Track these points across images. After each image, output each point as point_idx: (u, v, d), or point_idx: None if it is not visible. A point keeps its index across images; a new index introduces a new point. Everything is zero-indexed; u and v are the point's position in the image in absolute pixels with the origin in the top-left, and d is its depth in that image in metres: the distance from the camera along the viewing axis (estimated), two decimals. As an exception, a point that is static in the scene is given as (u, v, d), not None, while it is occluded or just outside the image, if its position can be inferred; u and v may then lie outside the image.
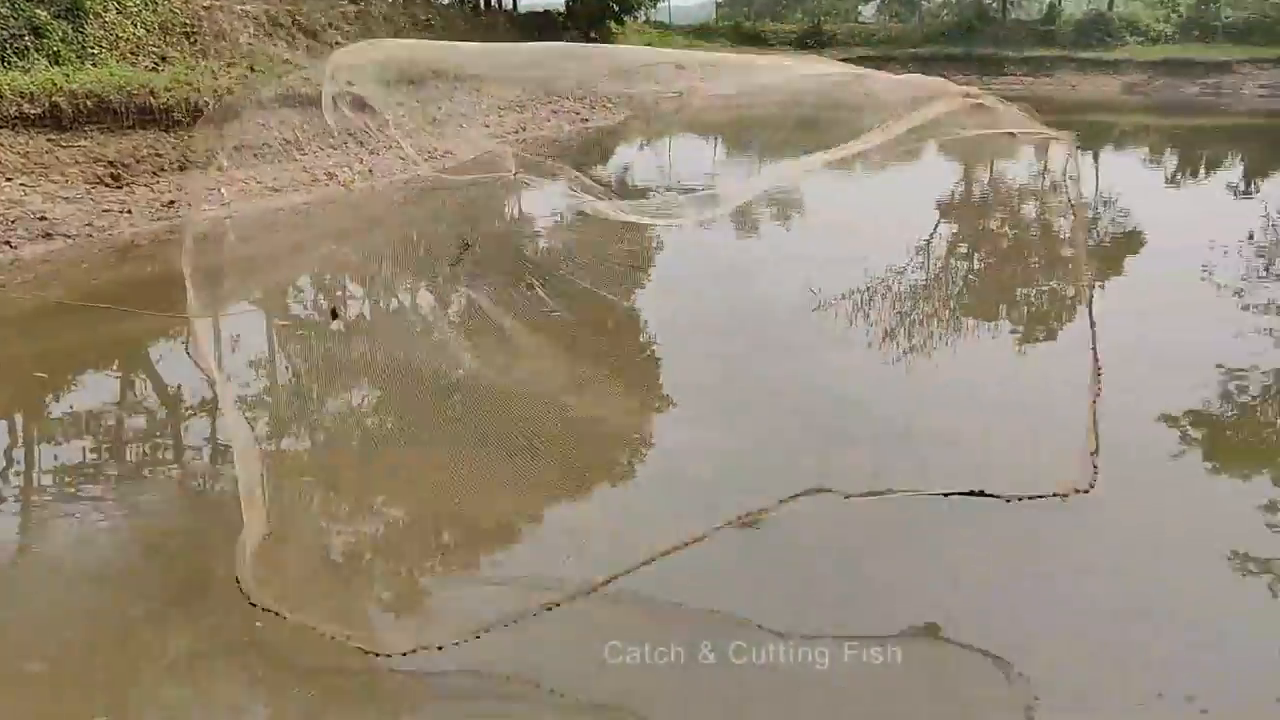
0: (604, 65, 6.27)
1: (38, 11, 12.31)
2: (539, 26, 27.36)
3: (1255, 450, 6.51)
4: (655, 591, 4.37)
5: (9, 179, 10.50)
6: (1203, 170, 22.17)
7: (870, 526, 5.06)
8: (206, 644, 4.21)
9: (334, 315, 5.55)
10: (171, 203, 11.21)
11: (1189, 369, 7.81)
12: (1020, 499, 5.08)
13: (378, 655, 3.99)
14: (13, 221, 9.83)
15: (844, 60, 38.18)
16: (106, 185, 10.99)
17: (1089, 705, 3.92)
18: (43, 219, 10.00)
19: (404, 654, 3.93)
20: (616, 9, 31.24)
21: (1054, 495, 5.17)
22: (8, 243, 9.49)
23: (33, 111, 10.94)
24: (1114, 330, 9.18)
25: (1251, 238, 13.41)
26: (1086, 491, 5.15)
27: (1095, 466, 5.23)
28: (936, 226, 15.03)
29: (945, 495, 5.08)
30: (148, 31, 13.53)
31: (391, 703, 3.92)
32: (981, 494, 5.06)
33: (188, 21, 14.08)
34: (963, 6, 45.01)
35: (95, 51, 12.81)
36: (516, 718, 3.83)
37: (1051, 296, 11.55)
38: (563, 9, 29.70)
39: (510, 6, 29.87)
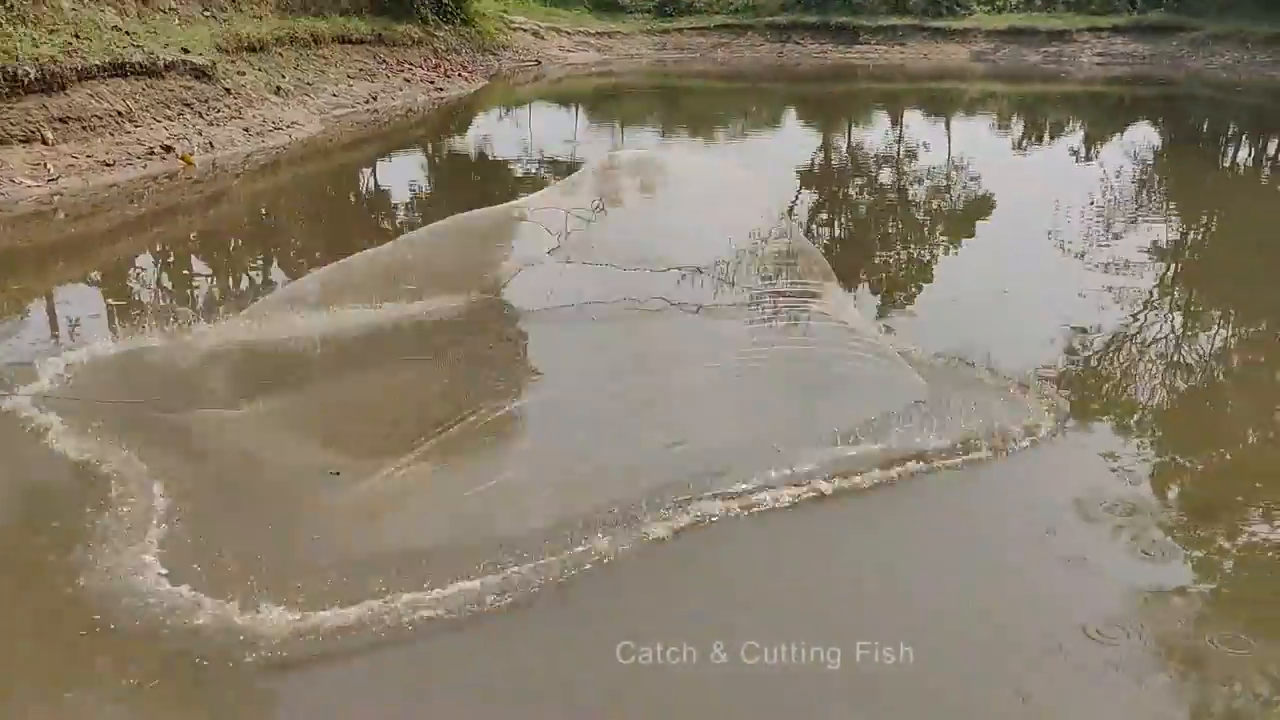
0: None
1: None
2: (386, -8, 26.49)
3: (1100, 401, 6.92)
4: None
5: None
6: (1047, 136, 23.31)
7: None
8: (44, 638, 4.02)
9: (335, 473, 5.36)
10: (-10, 179, 10.50)
11: (1038, 326, 8.25)
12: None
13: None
14: None
15: (703, 29, 38.31)
16: (-85, 162, 10.22)
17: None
18: None
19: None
20: (470, -24, 30.63)
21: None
22: None
23: None
24: (969, 291, 9.64)
25: (1092, 201, 14.23)
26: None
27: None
28: (798, 194, 15.37)
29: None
30: (-45, -6, 12.55)
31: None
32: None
33: (1, -17, 13.12)
34: (818, -25, 45.91)
35: (-105, 15, 11.81)
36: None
37: (909, 259, 11.99)
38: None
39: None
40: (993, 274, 10.55)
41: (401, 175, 15.74)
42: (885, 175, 17.74)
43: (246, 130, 14.53)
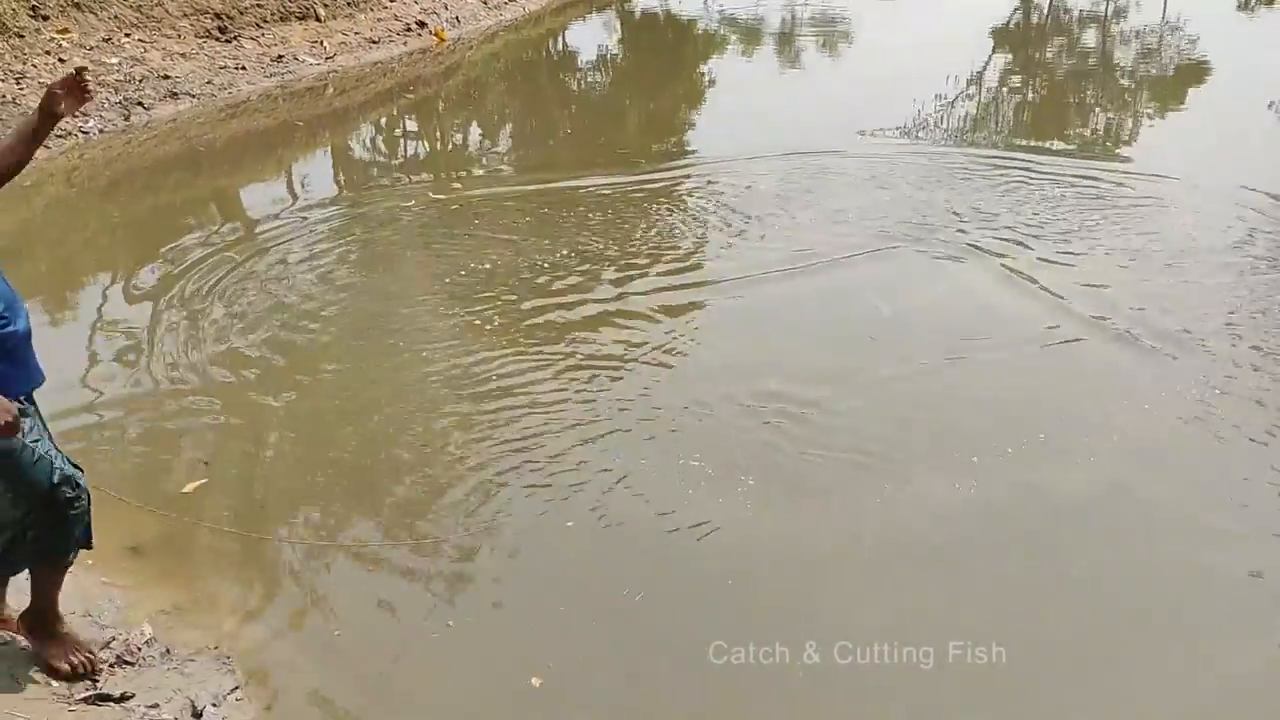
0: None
1: None
2: None
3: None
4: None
5: (127, 34, 11.24)
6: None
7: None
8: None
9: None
10: (280, 57, 11.90)
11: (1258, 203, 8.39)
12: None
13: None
14: (140, 81, 10.61)
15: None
16: (215, 39, 11.64)
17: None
18: (166, 77, 10.79)
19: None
20: None
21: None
22: (140, 103, 10.34)
23: (138, -39, 11.47)
24: (1171, 162, 9.80)
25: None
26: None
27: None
28: (990, 56, 15.38)
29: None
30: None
31: None
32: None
33: None
34: None
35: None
36: None
37: (1107, 128, 12.16)
38: None
39: None
40: (1203, 145, 10.64)
41: (594, 38, 16.64)
42: (1089, 36, 17.40)
43: (485, 3, 15.59)
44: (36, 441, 3.07)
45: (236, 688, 3.52)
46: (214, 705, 3.42)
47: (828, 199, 8.46)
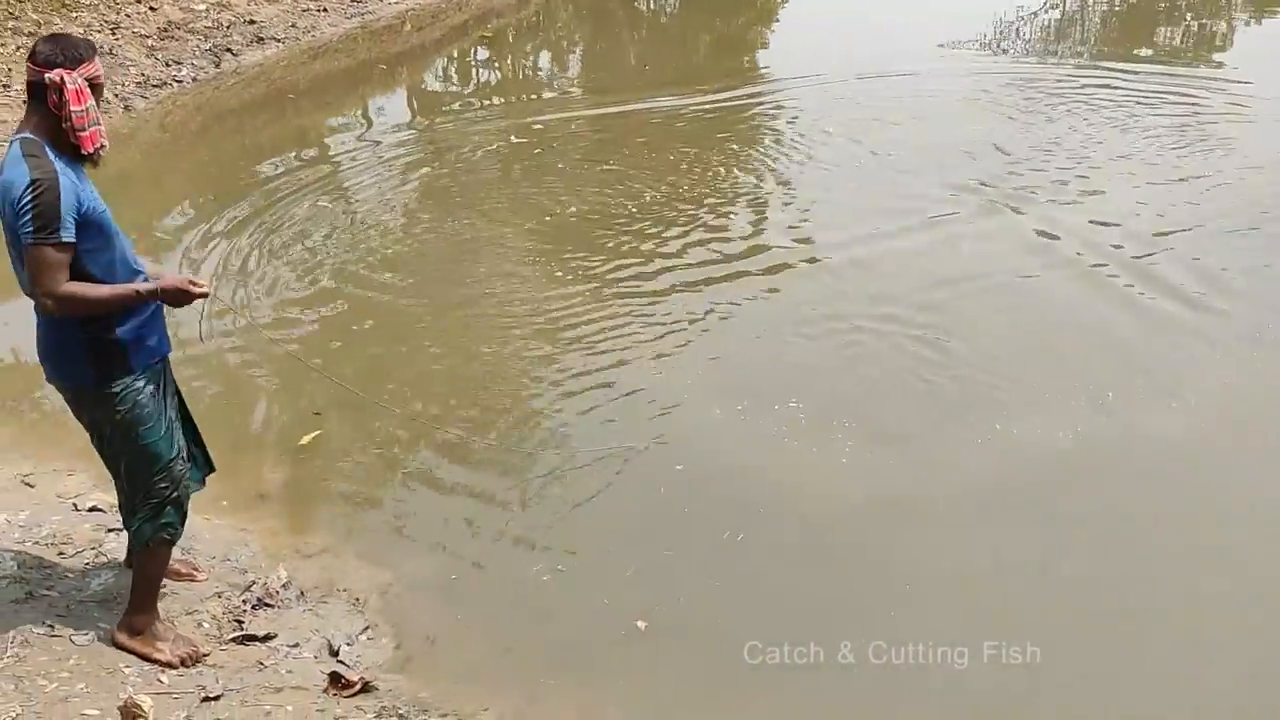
0: None
1: None
2: None
3: None
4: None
5: (210, -22, 11.36)
6: None
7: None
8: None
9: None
10: (359, -2, 11.98)
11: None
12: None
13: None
14: (227, 27, 10.76)
15: None
16: (295, -20, 11.73)
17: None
18: (252, 22, 10.91)
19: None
20: None
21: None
22: (229, 50, 10.48)
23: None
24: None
25: None
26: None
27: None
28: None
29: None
30: None
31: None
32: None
33: None
34: None
35: None
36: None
37: (1199, 33, 11.63)
38: None
39: None
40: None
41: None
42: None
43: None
44: (173, 414, 3.24)
45: (367, 628, 3.73)
46: (348, 645, 3.63)
47: (917, 133, 8.34)
